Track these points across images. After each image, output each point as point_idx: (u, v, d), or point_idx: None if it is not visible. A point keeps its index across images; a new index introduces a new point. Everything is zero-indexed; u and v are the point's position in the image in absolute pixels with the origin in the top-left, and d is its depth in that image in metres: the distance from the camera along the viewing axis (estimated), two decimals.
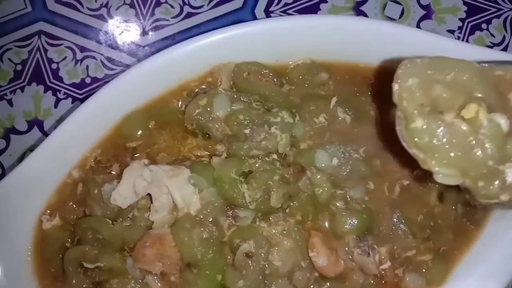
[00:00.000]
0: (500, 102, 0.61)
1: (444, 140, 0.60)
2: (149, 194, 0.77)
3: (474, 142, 0.59)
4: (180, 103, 0.82)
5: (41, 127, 0.94)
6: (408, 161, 0.72)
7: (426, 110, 0.61)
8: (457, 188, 0.79)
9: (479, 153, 0.59)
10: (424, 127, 0.60)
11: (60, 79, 0.95)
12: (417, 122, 0.61)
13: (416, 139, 0.61)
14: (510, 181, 0.59)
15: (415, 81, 0.62)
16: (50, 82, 0.95)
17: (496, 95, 0.61)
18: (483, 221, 0.80)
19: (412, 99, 0.62)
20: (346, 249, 0.77)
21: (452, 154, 0.60)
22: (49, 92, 0.95)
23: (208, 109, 0.79)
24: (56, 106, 0.95)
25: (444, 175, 0.61)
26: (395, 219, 0.78)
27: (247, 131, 0.78)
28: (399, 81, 0.62)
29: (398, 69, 0.63)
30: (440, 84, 0.61)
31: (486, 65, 0.63)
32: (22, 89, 0.95)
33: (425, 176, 0.78)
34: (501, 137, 0.59)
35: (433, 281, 0.79)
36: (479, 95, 0.60)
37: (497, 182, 0.59)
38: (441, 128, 0.60)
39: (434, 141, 0.60)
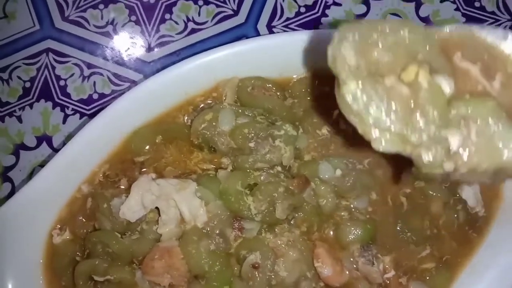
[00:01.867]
0: (446, 65, 0.57)
1: (382, 104, 0.55)
2: (157, 208, 0.79)
3: (413, 105, 0.55)
4: (186, 118, 0.84)
5: (50, 143, 0.96)
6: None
7: (363, 73, 0.56)
8: (458, 197, 0.82)
9: (419, 117, 0.55)
10: (359, 91, 0.56)
11: (68, 96, 0.98)
12: (351, 85, 0.56)
13: (350, 104, 0.56)
14: (454, 149, 0.55)
15: (350, 44, 0.58)
16: (58, 98, 0.98)
17: (441, 58, 0.57)
18: (485, 229, 0.82)
19: (347, 61, 0.57)
20: (351, 259, 0.78)
21: (390, 119, 0.55)
22: (58, 108, 0.97)
23: (214, 123, 0.81)
24: (64, 122, 0.97)
25: (384, 141, 0.55)
26: (398, 228, 0.80)
27: (251, 144, 0.80)
28: (334, 43, 0.59)
29: (335, 32, 0.59)
30: (380, 47, 0.57)
31: (433, 28, 0.59)
32: (31, 105, 0.98)
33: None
34: (443, 101, 0.55)
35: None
36: (422, 57, 0.57)
37: (439, 149, 0.55)
38: (379, 92, 0.55)
39: (371, 106, 0.55)
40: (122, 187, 0.81)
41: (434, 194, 0.80)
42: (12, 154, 0.96)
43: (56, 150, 0.95)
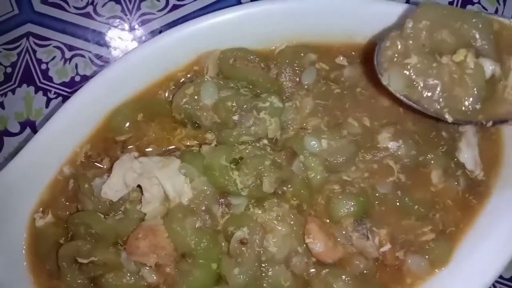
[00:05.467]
0: (495, 54, 0.68)
1: (434, 76, 0.69)
2: (140, 186, 0.76)
3: (459, 80, 0.68)
4: (167, 93, 0.81)
5: (33, 128, 0.94)
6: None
7: (425, 50, 0.69)
8: (456, 161, 0.78)
9: (460, 90, 0.68)
10: (418, 65, 0.68)
11: (50, 79, 0.95)
12: (412, 59, 0.69)
13: (407, 75, 0.69)
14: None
15: (427, 24, 0.69)
16: (40, 82, 0.95)
17: (493, 47, 0.68)
18: (486, 195, 0.78)
19: (418, 38, 0.69)
20: (344, 233, 0.75)
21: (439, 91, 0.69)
22: (40, 93, 0.95)
23: (196, 97, 0.78)
24: (47, 106, 0.95)
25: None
26: (397, 200, 0.76)
27: (235, 117, 0.77)
28: (413, 19, 0.69)
29: (417, 8, 0.70)
30: (447, 29, 0.69)
31: (499, 18, 0.70)
32: (13, 91, 0.95)
33: None
34: (482, 79, 0.67)
35: (436, 261, 0.76)
36: (476, 44, 0.68)
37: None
38: (434, 66, 0.68)
39: (426, 78, 0.69)
40: (104, 167, 0.79)
41: (433, 162, 0.77)
42: None
43: None
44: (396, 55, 0.70)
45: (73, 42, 0.96)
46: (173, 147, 0.81)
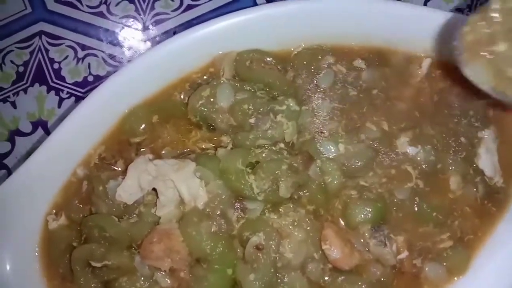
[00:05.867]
0: None
1: None
2: (154, 189, 0.75)
3: None
4: (182, 95, 0.80)
5: (45, 128, 0.93)
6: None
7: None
8: (475, 167, 0.77)
9: None
10: (507, 52, 0.63)
11: (63, 79, 0.94)
12: (500, 46, 0.63)
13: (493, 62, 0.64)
14: None
15: None
16: (53, 82, 0.94)
17: None
18: (505, 202, 0.77)
19: (506, 22, 0.63)
20: (362, 240, 0.74)
21: None
22: (52, 92, 0.94)
23: (212, 99, 0.77)
24: (59, 106, 0.94)
25: None
26: (415, 207, 0.75)
27: (252, 120, 0.76)
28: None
29: None
30: None
31: None
32: (25, 90, 0.95)
33: None
34: None
35: (454, 269, 0.75)
36: None
37: None
38: None
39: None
40: (119, 169, 0.78)
41: (452, 168, 0.75)
42: (7, 141, 0.94)
43: None
44: (479, 42, 0.64)
45: (86, 41, 0.95)
46: (188, 149, 0.80)
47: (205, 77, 0.80)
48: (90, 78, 0.94)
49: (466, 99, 0.80)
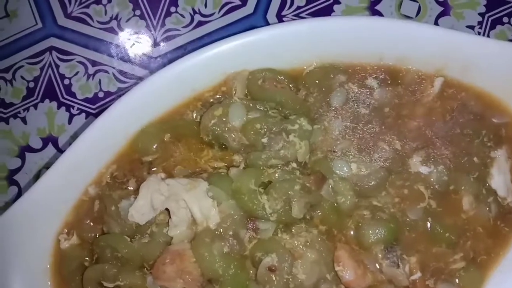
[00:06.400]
0: None
1: None
2: (167, 209, 0.75)
3: None
4: (195, 114, 0.80)
5: (55, 144, 0.93)
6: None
7: None
8: (487, 186, 0.77)
9: None
10: None
11: (73, 95, 0.95)
12: None
13: None
14: None
15: None
16: (63, 98, 0.95)
17: None
18: None
19: None
20: (374, 260, 0.74)
21: None
22: (63, 108, 0.94)
23: (224, 119, 0.77)
24: (70, 122, 0.94)
25: None
26: (428, 227, 0.75)
27: (264, 140, 0.76)
28: None
29: None
30: None
31: None
32: (35, 106, 0.95)
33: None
34: None
35: None
36: None
37: None
38: None
39: None
40: (131, 188, 0.78)
41: (464, 188, 0.75)
42: (17, 157, 0.94)
43: (62, 151, 0.92)
44: None
45: (96, 57, 0.95)
46: (200, 168, 0.79)
47: (217, 96, 0.80)
48: (101, 94, 0.94)
49: (478, 118, 0.80)
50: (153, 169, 0.79)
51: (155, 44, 0.95)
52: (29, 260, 0.76)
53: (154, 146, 0.79)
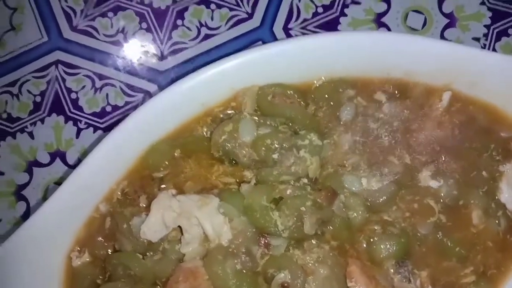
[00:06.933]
0: None
1: None
2: (179, 226, 0.75)
3: None
4: (205, 129, 0.80)
5: (63, 159, 0.93)
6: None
7: None
8: (496, 200, 0.78)
9: None
10: None
11: (80, 109, 0.94)
12: None
13: None
14: None
15: None
16: (71, 112, 0.94)
17: None
18: None
19: None
20: (386, 276, 0.74)
21: None
22: (70, 123, 0.94)
23: (234, 134, 0.77)
24: (77, 136, 0.93)
25: None
26: (438, 241, 0.75)
27: (275, 156, 0.76)
28: None
29: None
30: None
31: None
32: (42, 120, 0.94)
33: None
34: None
35: None
36: None
37: None
38: None
39: None
40: (142, 204, 0.77)
41: (474, 202, 0.76)
42: (25, 172, 0.93)
43: (70, 166, 0.92)
44: None
45: (103, 71, 0.95)
46: (211, 184, 0.80)
47: (227, 111, 0.80)
48: (109, 109, 0.94)
49: (487, 133, 0.81)
50: (163, 186, 0.79)
51: (162, 57, 0.95)
52: (40, 279, 0.76)
53: (165, 162, 0.79)
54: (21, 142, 0.94)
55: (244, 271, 0.72)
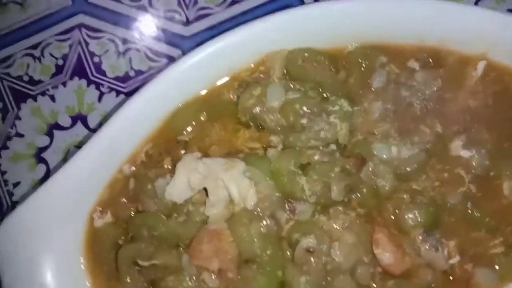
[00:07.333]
0: None
1: None
2: (204, 188, 0.74)
3: None
4: (231, 94, 0.79)
5: (85, 122, 0.92)
6: None
7: None
8: None
9: None
10: None
11: (103, 73, 0.93)
12: None
13: None
14: None
15: None
16: (93, 76, 0.93)
17: None
18: None
19: None
20: (413, 244, 0.72)
21: None
22: (92, 86, 0.92)
23: (262, 99, 0.75)
24: (99, 100, 0.92)
25: None
26: (469, 211, 0.74)
27: (304, 121, 0.74)
28: None
29: None
30: None
31: None
32: (64, 84, 0.93)
33: None
34: None
35: (506, 275, 0.73)
36: None
37: None
38: None
39: None
40: (167, 166, 0.76)
41: (505, 173, 0.74)
42: (45, 135, 0.92)
43: (91, 130, 0.91)
44: None
45: (127, 35, 0.93)
46: (236, 149, 0.78)
47: (255, 75, 0.79)
48: (132, 73, 0.92)
49: None
50: (188, 149, 0.78)
51: (187, 22, 0.93)
52: (62, 239, 0.75)
53: (190, 126, 0.78)
54: (42, 104, 0.93)
55: (269, 235, 0.72)
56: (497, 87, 0.78)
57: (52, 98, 0.93)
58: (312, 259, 0.70)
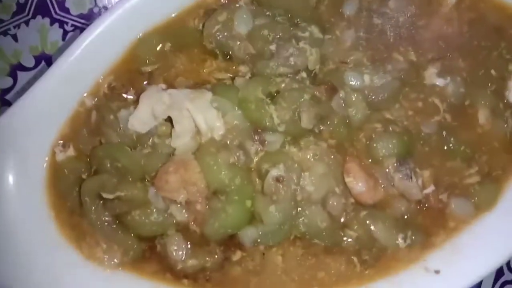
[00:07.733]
0: None
1: None
2: (169, 120, 0.71)
3: None
4: (197, 22, 0.75)
5: (49, 62, 0.88)
6: None
7: None
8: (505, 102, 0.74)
9: None
10: None
11: (67, 10, 0.89)
12: None
13: None
14: None
15: None
16: (56, 14, 0.89)
17: None
18: None
19: None
20: (386, 174, 0.70)
21: None
22: (56, 25, 0.89)
23: (229, 24, 0.72)
24: (63, 39, 0.88)
25: None
26: (442, 141, 0.72)
27: (272, 47, 0.71)
28: None
29: None
30: None
31: None
32: (26, 23, 0.89)
33: None
34: None
35: (482, 205, 0.72)
36: None
37: None
38: None
39: None
40: (130, 97, 0.73)
41: (480, 101, 0.72)
42: (8, 76, 0.88)
43: None
44: None
45: None
46: (203, 80, 0.75)
47: (221, 2, 0.75)
48: (96, 10, 0.88)
49: (497, 31, 0.76)
50: (153, 80, 0.74)
51: None
52: (23, 174, 0.72)
53: (154, 56, 0.74)
54: (4, 45, 0.89)
55: (238, 165, 0.69)
56: (472, 15, 0.76)
57: (15, 37, 0.89)
58: (281, 188, 0.68)
